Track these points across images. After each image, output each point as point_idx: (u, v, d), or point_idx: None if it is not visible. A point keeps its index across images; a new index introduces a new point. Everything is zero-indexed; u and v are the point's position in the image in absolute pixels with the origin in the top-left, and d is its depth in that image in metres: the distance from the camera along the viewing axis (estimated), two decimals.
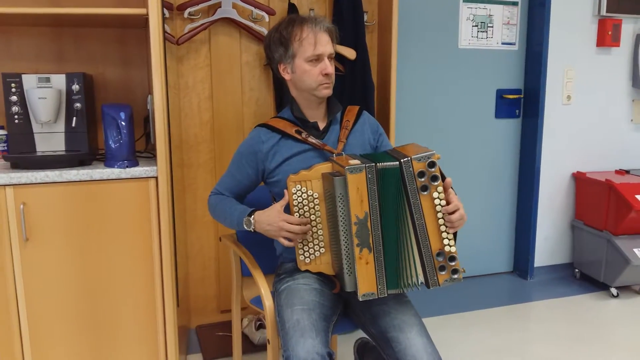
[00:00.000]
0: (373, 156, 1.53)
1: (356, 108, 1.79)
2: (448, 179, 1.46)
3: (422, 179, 1.41)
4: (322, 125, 1.73)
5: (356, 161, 1.43)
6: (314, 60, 1.62)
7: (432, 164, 1.41)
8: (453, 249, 1.44)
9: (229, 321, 2.59)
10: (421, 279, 1.46)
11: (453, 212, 1.44)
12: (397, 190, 1.43)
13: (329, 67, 1.64)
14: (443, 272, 1.43)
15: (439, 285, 1.43)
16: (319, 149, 1.66)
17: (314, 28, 1.62)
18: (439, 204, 1.42)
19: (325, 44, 1.63)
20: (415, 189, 1.41)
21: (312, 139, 1.66)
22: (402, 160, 1.41)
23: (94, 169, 1.77)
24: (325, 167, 1.54)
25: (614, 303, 2.95)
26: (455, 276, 1.44)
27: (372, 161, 1.43)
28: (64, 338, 1.82)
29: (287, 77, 1.69)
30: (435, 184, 1.41)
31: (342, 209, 1.42)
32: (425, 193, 1.41)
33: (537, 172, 3.19)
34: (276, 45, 1.67)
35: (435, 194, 1.42)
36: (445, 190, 1.44)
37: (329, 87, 1.67)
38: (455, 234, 1.48)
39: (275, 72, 1.73)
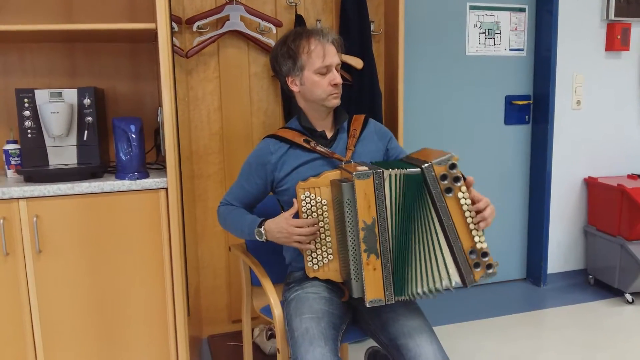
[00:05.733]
0: (382, 164, 1.55)
1: (362, 117, 1.81)
2: (469, 178, 1.47)
3: (445, 182, 1.43)
4: (329, 135, 1.74)
5: (364, 167, 1.45)
6: (323, 72, 1.64)
7: (452, 166, 1.43)
8: (484, 245, 1.46)
9: (240, 331, 2.60)
10: (456, 278, 1.47)
11: (484, 209, 1.45)
12: (420, 195, 1.44)
13: (338, 77, 1.66)
14: (478, 269, 1.46)
15: (476, 281, 1.46)
16: (327, 157, 1.67)
17: (321, 40, 1.64)
18: (465, 203, 1.44)
19: (332, 55, 1.65)
20: (439, 193, 1.43)
21: (320, 148, 1.67)
22: (423, 167, 1.42)
23: (105, 181, 1.80)
24: (334, 174, 1.55)
25: (629, 309, 2.91)
26: (490, 270, 1.46)
27: (380, 168, 1.44)
28: (76, 349, 1.84)
29: (295, 89, 1.71)
30: (458, 184, 1.43)
31: (349, 214, 1.43)
32: (450, 195, 1.43)
33: (548, 178, 3.18)
34: (284, 59, 1.68)
35: (460, 195, 1.44)
36: (468, 188, 1.46)
37: (338, 97, 1.69)
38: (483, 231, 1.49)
39: (283, 84, 1.75)
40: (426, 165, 1.42)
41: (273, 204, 1.85)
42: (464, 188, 1.44)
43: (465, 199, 1.44)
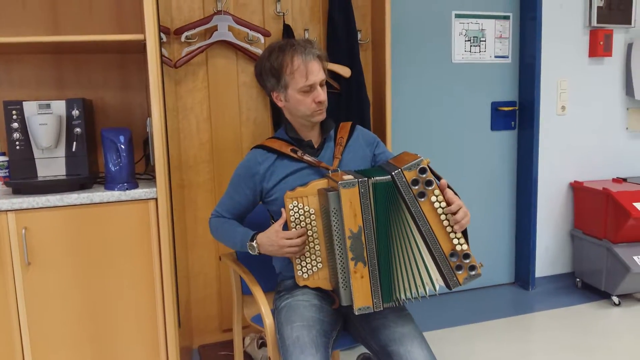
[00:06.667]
0: (367, 171, 1.56)
1: (349, 124, 1.82)
2: (443, 181, 1.48)
3: (417, 187, 1.44)
4: (316, 144, 1.75)
5: (350, 176, 1.46)
6: (307, 90, 1.64)
7: (423, 170, 1.44)
8: (465, 247, 1.47)
9: (231, 340, 2.59)
10: (441, 282, 1.49)
11: (456, 212, 1.46)
12: (394, 202, 1.45)
13: (322, 94, 1.65)
14: (460, 271, 1.47)
15: (460, 284, 1.47)
16: (314, 166, 1.69)
17: (304, 58, 1.62)
18: (440, 207, 1.46)
19: (316, 73, 1.64)
20: (413, 198, 1.44)
21: (307, 157, 1.68)
22: (393, 173, 1.44)
23: (95, 193, 1.80)
24: (321, 183, 1.57)
25: (616, 312, 2.95)
26: (473, 272, 1.47)
27: (365, 176, 1.45)
28: None
29: (280, 104, 1.72)
30: (431, 188, 1.45)
31: (336, 223, 1.44)
32: (424, 199, 1.45)
33: (535, 183, 3.21)
34: (267, 76, 1.68)
35: (433, 198, 1.45)
36: (442, 191, 1.47)
37: (322, 113, 1.69)
38: (466, 233, 1.50)
39: (269, 97, 1.76)
40: (396, 172, 1.44)
41: (264, 213, 1.86)
42: (437, 191, 1.45)
43: (440, 202, 1.46)
